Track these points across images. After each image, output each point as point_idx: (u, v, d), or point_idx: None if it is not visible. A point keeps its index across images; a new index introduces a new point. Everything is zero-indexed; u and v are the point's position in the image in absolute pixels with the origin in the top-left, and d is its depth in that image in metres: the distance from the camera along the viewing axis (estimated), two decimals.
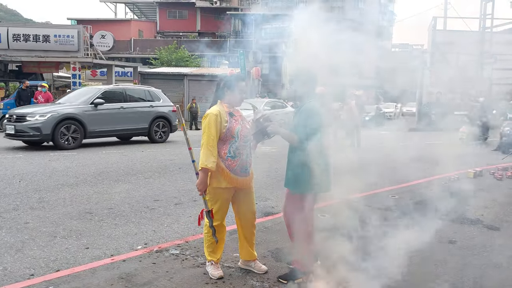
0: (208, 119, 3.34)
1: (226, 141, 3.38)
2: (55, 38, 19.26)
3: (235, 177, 3.41)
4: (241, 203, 3.59)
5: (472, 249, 4.36)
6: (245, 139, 3.45)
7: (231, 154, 3.39)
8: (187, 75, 25.79)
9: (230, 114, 3.43)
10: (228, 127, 3.36)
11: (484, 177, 8.25)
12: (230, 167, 3.39)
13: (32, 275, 3.53)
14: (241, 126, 3.44)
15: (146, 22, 42.93)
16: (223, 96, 3.49)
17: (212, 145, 3.31)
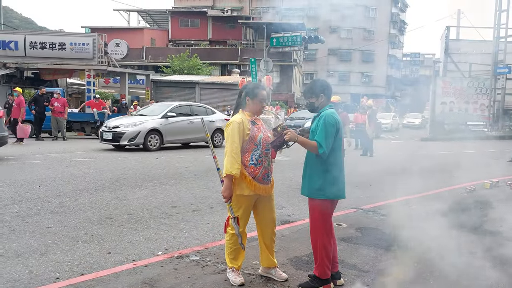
0: (232, 127, 3.40)
1: (249, 149, 3.44)
2: (71, 46, 19.58)
3: (258, 184, 3.46)
4: (262, 211, 3.63)
5: (493, 261, 4.32)
6: (267, 147, 3.50)
7: (253, 162, 3.44)
8: (199, 83, 26.00)
9: (252, 122, 3.49)
10: (251, 135, 3.42)
11: (500, 188, 8.18)
12: (253, 175, 3.44)
13: (58, 278, 3.59)
14: (263, 134, 3.50)
15: (159, 31, 43.43)
16: (244, 105, 3.55)
17: (236, 153, 3.36)
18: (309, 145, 3.35)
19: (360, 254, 4.39)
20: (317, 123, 3.38)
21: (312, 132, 3.41)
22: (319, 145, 3.27)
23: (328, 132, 3.28)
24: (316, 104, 3.48)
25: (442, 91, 23.48)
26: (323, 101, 3.45)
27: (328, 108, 3.43)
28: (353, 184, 8.32)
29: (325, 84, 3.49)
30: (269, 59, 23.87)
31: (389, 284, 3.61)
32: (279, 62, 33.55)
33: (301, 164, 3.68)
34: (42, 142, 14.55)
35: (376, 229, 5.31)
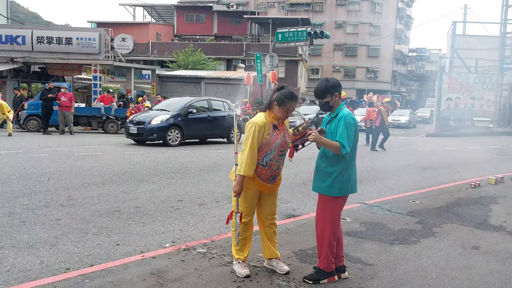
0: (255, 129, 3.43)
1: (262, 151, 3.50)
2: (78, 40, 19.66)
3: (261, 182, 3.56)
4: (263, 204, 3.72)
5: (496, 255, 4.37)
6: (281, 153, 3.56)
7: (262, 163, 3.51)
8: (204, 78, 26.04)
9: (274, 127, 3.52)
10: (268, 140, 3.47)
11: (505, 184, 8.19)
12: (258, 173, 3.51)
13: (68, 269, 3.67)
14: (281, 141, 3.52)
15: (164, 26, 43.47)
16: (272, 107, 3.54)
17: (255, 156, 3.44)
18: (332, 146, 3.38)
19: (364, 248, 4.45)
20: (336, 124, 3.42)
21: (332, 134, 3.44)
22: (342, 146, 3.32)
23: (349, 132, 3.35)
24: (331, 103, 3.50)
25: (448, 86, 23.37)
26: (337, 99, 3.49)
27: (343, 107, 3.49)
28: (358, 179, 8.37)
29: (337, 83, 3.53)
30: (275, 54, 23.84)
31: None
32: (284, 57, 33.50)
33: (305, 160, 3.75)
34: (49, 136, 14.68)
35: (380, 223, 5.36)
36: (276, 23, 35.07)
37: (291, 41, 23.32)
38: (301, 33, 22.59)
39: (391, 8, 50.36)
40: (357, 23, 49.15)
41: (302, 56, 38.74)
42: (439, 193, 7.29)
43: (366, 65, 49.55)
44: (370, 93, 35.03)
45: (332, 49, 48.96)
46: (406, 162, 10.90)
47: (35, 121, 16.83)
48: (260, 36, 40.75)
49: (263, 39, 39.42)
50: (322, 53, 49.01)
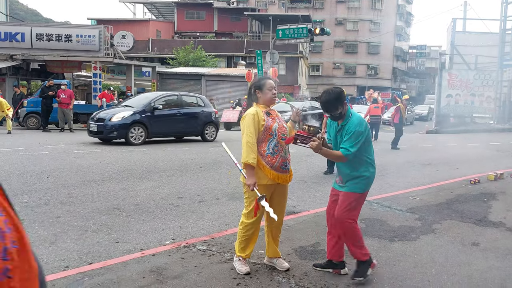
0: (247, 119, 3.49)
1: (265, 139, 3.52)
2: (77, 38, 19.60)
3: (276, 173, 3.53)
4: (274, 202, 3.68)
5: (496, 252, 4.37)
6: (283, 136, 3.57)
7: (270, 151, 3.51)
8: (205, 75, 26.00)
9: (266, 113, 3.57)
10: (266, 125, 3.50)
11: (504, 180, 8.19)
12: (270, 164, 3.51)
13: (67, 267, 3.68)
14: (278, 124, 3.57)
15: (164, 23, 43.40)
16: (256, 99, 3.64)
17: (252, 143, 3.45)
18: (333, 156, 3.46)
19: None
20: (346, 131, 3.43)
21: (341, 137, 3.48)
22: (346, 150, 3.36)
23: (357, 139, 3.38)
24: (342, 113, 3.51)
25: (448, 83, 23.34)
26: (346, 107, 3.51)
27: (351, 113, 3.52)
28: None
29: (340, 91, 3.54)
30: (275, 51, 23.80)
31: None
32: (285, 54, 33.44)
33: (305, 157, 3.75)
34: (49, 134, 14.68)
35: (380, 220, 5.36)
36: (277, 20, 35.01)
37: (292, 38, 23.25)
38: (301, 30, 22.53)
39: (391, 5, 50.25)
40: (357, 20, 49.05)
41: (303, 53, 38.69)
42: (438, 190, 7.28)
43: (367, 62, 49.47)
44: (370, 90, 35.00)
45: (333, 46, 48.87)
46: (406, 159, 10.89)
47: (34, 119, 16.81)
48: (261, 33, 40.68)
49: (263, 36, 39.36)
50: (323, 50, 48.94)
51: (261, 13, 40.77)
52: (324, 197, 6.51)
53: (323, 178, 8.09)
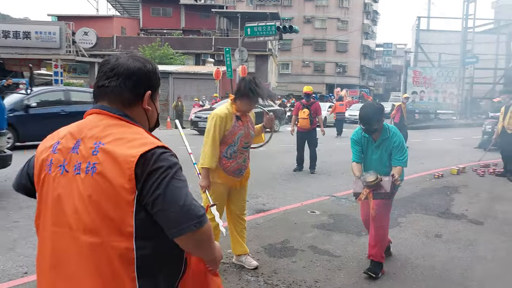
0: (215, 121, 3.38)
1: (226, 143, 3.43)
2: (37, 35, 18.87)
3: (228, 176, 3.48)
4: (233, 199, 3.66)
5: (458, 243, 4.50)
6: (245, 145, 3.49)
7: (226, 155, 3.44)
8: (172, 73, 25.64)
9: (236, 117, 3.45)
10: (230, 131, 3.40)
11: (467, 174, 8.46)
12: (223, 166, 3.45)
13: (26, 273, 3.51)
14: (244, 132, 3.47)
15: (129, 19, 42.46)
16: (238, 99, 3.45)
17: (215, 146, 3.37)
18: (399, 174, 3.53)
19: (332, 240, 4.48)
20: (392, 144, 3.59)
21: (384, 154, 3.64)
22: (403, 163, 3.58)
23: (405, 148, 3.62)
24: (378, 128, 3.61)
25: (413, 80, 23.97)
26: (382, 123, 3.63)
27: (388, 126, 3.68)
28: (327, 172, 8.45)
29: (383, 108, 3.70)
30: (244, 49, 23.72)
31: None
32: (254, 51, 33.41)
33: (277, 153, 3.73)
34: None
35: (348, 215, 5.42)
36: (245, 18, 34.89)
37: (260, 36, 23.24)
38: (270, 27, 22.56)
39: (358, 4, 51.09)
40: (325, 18, 49.60)
41: (272, 50, 38.80)
42: (404, 184, 7.37)
43: (335, 60, 50.12)
44: (338, 88, 35.53)
45: (302, 44, 49.25)
46: None
47: None
48: (229, 31, 40.47)
49: (232, 33, 39.18)
50: (292, 48, 49.23)
51: (229, 10, 40.55)
52: (294, 194, 6.53)
53: (293, 176, 8.11)
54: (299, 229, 4.81)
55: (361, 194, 3.47)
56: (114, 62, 1.34)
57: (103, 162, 1.20)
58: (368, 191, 3.44)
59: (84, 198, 1.21)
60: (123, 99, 1.32)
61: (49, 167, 1.28)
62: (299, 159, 8.57)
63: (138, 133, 1.27)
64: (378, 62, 65.20)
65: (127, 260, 1.20)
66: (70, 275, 1.22)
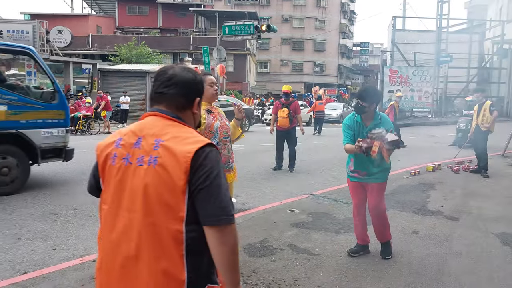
0: None
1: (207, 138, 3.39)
2: (9, 33, 18.34)
3: None
4: None
5: (434, 239, 4.58)
6: (225, 135, 3.47)
7: None
8: (150, 72, 25.32)
9: (207, 111, 3.44)
10: (207, 124, 3.38)
11: (442, 171, 8.64)
12: None
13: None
14: (220, 122, 3.47)
15: (105, 18, 41.72)
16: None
17: None
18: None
19: (311, 239, 4.49)
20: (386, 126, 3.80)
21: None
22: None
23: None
24: (366, 109, 3.79)
25: (389, 79, 24.36)
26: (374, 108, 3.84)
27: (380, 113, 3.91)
28: (306, 171, 8.49)
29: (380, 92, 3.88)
30: (222, 48, 23.63)
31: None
32: (232, 50, 33.33)
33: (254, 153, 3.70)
34: None
35: (326, 213, 5.44)
36: (223, 17, 34.76)
37: (238, 35, 23.18)
38: (248, 26, 22.53)
39: (335, 3, 51.57)
40: (303, 18, 49.85)
41: (250, 50, 38.79)
42: None
43: (313, 59, 50.46)
44: (316, 87, 35.79)
45: (280, 43, 49.38)
46: None
47: None
48: (207, 30, 40.26)
49: (210, 32, 38.98)
50: (270, 47, 49.32)
51: (207, 9, 40.34)
52: (273, 193, 6.53)
53: (272, 174, 8.12)
54: (278, 228, 4.80)
55: (374, 147, 3.60)
56: (171, 72, 1.58)
57: (163, 156, 1.43)
58: (379, 143, 3.59)
59: (145, 185, 1.43)
60: (178, 104, 1.57)
61: (113, 159, 1.51)
62: (278, 158, 8.58)
63: (190, 132, 1.52)
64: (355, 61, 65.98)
65: (178, 240, 1.42)
66: (131, 251, 1.45)
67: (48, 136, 6.32)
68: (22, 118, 6.02)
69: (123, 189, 1.48)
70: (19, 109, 6.01)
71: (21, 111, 6.02)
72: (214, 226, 1.41)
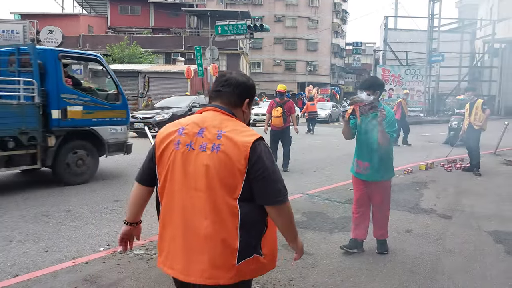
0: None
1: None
2: None
3: None
4: None
5: (427, 237, 4.59)
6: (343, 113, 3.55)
7: None
8: (142, 72, 25.20)
9: None
10: None
11: (435, 169, 8.68)
12: None
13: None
14: None
15: (96, 17, 41.45)
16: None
17: None
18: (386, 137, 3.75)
19: (305, 238, 4.48)
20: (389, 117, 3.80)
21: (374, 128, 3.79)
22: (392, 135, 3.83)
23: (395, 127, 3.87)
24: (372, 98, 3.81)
25: (382, 78, 24.45)
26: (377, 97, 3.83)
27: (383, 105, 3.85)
28: (300, 170, 8.49)
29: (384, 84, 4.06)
30: (215, 47, 23.54)
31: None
32: (225, 50, 33.26)
33: None
34: None
35: (320, 213, 5.44)
36: (216, 16, 34.68)
37: (231, 34, 23.13)
38: (240, 26, 22.47)
39: (327, 3, 51.67)
40: (296, 17, 49.88)
41: (243, 49, 38.74)
42: None
43: (306, 59, 50.52)
44: (310, 86, 35.83)
45: (273, 42, 49.38)
46: (343, 152, 11.22)
47: None
48: (200, 29, 40.13)
49: (202, 32, 38.87)
50: (263, 46, 49.30)
51: (200, 9, 40.22)
52: None
53: None
54: None
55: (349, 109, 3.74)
56: (228, 75, 1.89)
57: (225, 144, 1.71)
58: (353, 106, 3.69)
59: (208, 168, 1.71)
60: (231, 101, 1.86)
61: (177, 145, 1.79)
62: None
63: (244, 127, 1.81)
64: (348, 61, 66.17)
65: (234, 214, 1.72)
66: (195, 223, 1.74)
67: (114, 132, 7.21)
68: (93, 117, 6.85)
69: (186, 171, 1.75)
70: (91, 109, 6.83)
71: (93, 111, 6.84)
72: (274, 206, 1.75)
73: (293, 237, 1.92)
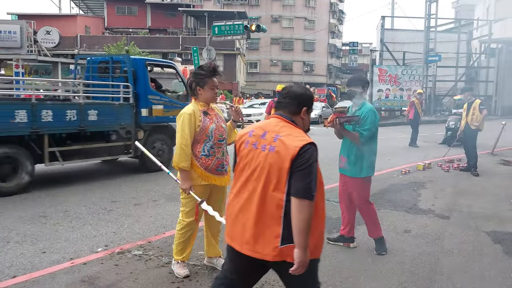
0: (182, 119, 3.32)
1: (200, 140, 3.36)
2: None
3: (211, 175, 3.41)
4: (212, 202, 3.56)
5: (426, 238, 4.60)
6: (220, 137, 3.44)
7: (205, 153, 3.38)
8: None
9: (204, 113, 3.39)
10: (202, 127, 3.34)
11: (432, 169, 8.70)
12: (204, 166, 3.38)
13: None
14: (215, 125, 3.42)
15: (93, 18, 41.34)
16: (196, 95, 3.44)
17: (186, 144, 3.30)
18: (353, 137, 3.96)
19: None
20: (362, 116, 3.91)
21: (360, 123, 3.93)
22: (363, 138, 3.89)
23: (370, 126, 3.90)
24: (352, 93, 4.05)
25: (379, 78, 24.49)
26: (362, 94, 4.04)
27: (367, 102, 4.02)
28: None
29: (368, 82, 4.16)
30: (212, 48, 23.52)
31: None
32: (222, 50, 33.25)
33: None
34: None
35: None
36: (212, 16, 34.68)
37: (228, 35, 23.11)
38: (237, 26, 22.47)
39: (324, 3, 51.73)
40: (292, 18, 49.92)
41: (240, 49, 38.73)
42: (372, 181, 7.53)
43: (302, 59, 50.56)
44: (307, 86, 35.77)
45: (269, 43, 49.38)
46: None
47: None
48: (196, 30, 40.09)
49: (199, 32, 38.83)
50: (260, 47, 49.30)
51: (196, 9, 40.17)
52: None
53: None
54: None
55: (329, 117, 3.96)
56: (289, 89, 2.29)
57: (279, 146, 2.08)
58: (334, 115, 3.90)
59: (265, 164, 2.09)
60: (291, 110, 2.23)
61: (246, 144, 2.22)
62: None
63: (299, 133, 2.15)
64: (344, 61, 66.24)
65: (279, 206, 2.05)
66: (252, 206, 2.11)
67: None
68: (170, 114, 7.73)
69: (250, 165, 2.16)
70: (169, 107, 7.86)
71: (170, 109, 7.82)
72: (299, 198, 1.98)
73: (303, 243, 2.01)
